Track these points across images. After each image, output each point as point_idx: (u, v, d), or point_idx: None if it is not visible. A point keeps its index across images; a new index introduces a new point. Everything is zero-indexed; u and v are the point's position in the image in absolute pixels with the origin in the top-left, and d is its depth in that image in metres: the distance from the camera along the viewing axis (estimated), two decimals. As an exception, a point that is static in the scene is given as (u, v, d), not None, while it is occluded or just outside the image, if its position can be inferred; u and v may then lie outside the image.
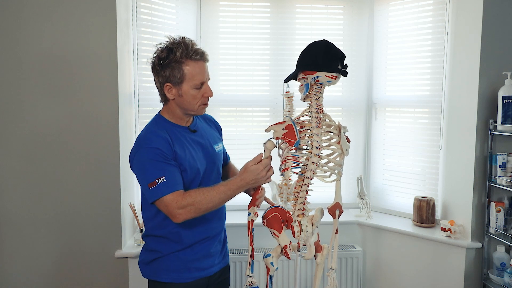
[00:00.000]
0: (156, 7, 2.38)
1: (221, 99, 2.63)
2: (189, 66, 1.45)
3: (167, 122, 1.54)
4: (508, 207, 2.19)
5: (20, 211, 2.08)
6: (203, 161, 1.55)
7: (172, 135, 1.50)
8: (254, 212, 1.57)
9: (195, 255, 1.55)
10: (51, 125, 2.07)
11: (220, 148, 1.68)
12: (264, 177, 1.48)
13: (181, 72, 1.44)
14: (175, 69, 1.44)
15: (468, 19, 2.23)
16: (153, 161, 1.42)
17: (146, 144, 1.45)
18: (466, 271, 2.21)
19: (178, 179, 1.44)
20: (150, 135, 1.48)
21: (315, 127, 1.50)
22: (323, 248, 1.60)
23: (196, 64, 1.46)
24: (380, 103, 2.71)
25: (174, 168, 1.44)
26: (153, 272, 1.56)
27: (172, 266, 1.53)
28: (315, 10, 2.66)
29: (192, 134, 1.57)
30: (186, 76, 1.45)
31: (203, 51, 1.50)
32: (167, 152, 1.44)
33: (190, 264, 1.54)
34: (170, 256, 1.53)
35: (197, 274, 1.55)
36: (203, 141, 1.59)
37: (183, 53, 1.44)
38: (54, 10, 2.03)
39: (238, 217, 2.48)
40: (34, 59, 2.04)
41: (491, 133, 2.16)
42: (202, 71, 1.47)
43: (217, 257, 1.63)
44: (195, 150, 1.54)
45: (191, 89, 1.47)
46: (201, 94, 1.49)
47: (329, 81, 1.45)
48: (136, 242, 2.21)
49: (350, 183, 2.74)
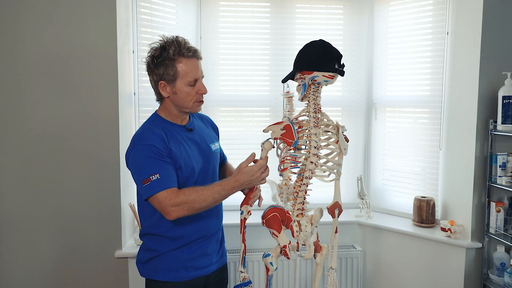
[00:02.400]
0: (156, 7, 2.39)
1: (221, 99, 2.63)
2: (182, 64, 1.47)
3: (163, 120, 1.55)
4: (508, 207, 2.19)
5: (20, 211, 2.09)
6: (199, 159, 1.56)
7: (168, 133, 1.51)
8: (247, 210, 1.58)
9: (192, 253, 1.55)
10: (51, 125, 2.07)
11: (216, 147, 1.68)
12: (258, 178, 1.49)
13: (174, 69, 1.46)
14: (168, 67, 1.46)
15: (468, 19, 2.22)
16: (148, 158, 1.43)
17: (142, 141, 1.46)
18: (466, 271, 2.21)
19: (173, 177, 1.45)
20: (146, 132, 1.50)
21: (313, 127, 1.50)
22: (323, 248, 1.61)
23: (189, 61, 1.48)
24: (380, 103, 2.71)
25: (168, 166, 1.45)
26: (150, 271, 1.56)
27: (169, 265, 1.54)
28: (315, 10, 2.66)
29: (188, 133, 1.58)
30: (179, 73, 1.47)
31: (196, 48, 1.52)
32: (162, 149, 1.45)
33: (187, 262, 1.55)
34: (167, 255, 1.54)
35: (194, 272, 1.56)
36: (199, 140, 1.60)
37: (176, 50, 1.46)
38: (54, 10, 2.03)
39: (236, 217, 2.48)
40: (34, 59, 2.04)
41: (491, 133, 2.15)
42: (195, 68, 1.49)
43: (214, 256, 1.63)
44: (191, 149, 1.55)
45: (185, 86, 1.48)
46: (195, 91, 1.51)
47: (326, 81, 1.46)
48: (136, 242, 2.22)
49: (350, 183, 2.74)
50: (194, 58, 1.49)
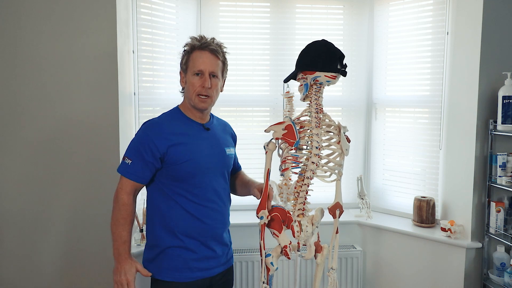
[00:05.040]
0: (156, 7, 2.38)
1: (221, 99, 2.58)
2: (194, 54, 1.55)
3: (183, 115, 1.60)
4: (508, 207, 2.19)
5: (20, 211, 2.08)
6: (209, 159, 1.57)
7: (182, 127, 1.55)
8: (266, 215, 1.54)
9: (197, 255, 1.56)
10: (51, 125, 2.07)
11: (231, 152, 1.70)
12: None
13: (188, 58, 1.56)
14: (185, 57, 1.58)
15: (468, 19, 2.23)
16: (138, 143, 1.52)
17: (150, 127, 1.54)
18: (466, 271, 2.21)
19: (141, 173, 1.52)
20: (159, 121, 1.57)
21: (314, 127, 1.50)
22: (323, 248, 1.60)
23: (201, 53, 1.55)
24: (380, 103, 2.71)
25: (146, 163, 1.51)
26: (156, 270, 1.57)
27: (174, 265, 1.54)
28: (315, 10, 2.66)
29: (204, 132, 1.60)
30: (189, 62, 1.56)
31: (213, 46, 1.57)
32: (157, 147, 1.49)
33: (191, 263, 1.55)
34: (172, 254, 1.55)
35: (198, 274, 1.57)
36: (214, 140, 1.62)
37: (194, 42, 1.57)
38: (54, 10, 2.03)
39: (241, 217, 2.49)
40: (34, 59, 2.03)
41: (491, 133, 2.15)
42: (204, 60, 1.54)
43: (220, 259, 1.63)
44: (204, 146, 1.57)
45: (191, 75, 1.55)
46: (199, 84, 1.54)
47: (328, 81, 1.45)
48: (136, 242, 2.21)
49: (350, 183, 2.74)
50: (207, 51, 1.55)
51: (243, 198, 2.76)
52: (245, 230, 2.46)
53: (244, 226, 2.44)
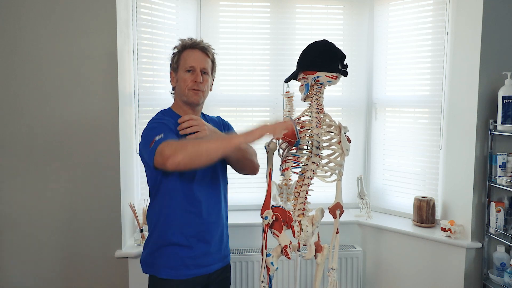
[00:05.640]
0: (156, 7, 2.38)
1: (221, 99, 2.63)
2: (185, 53, 1.60)
3: (175, 114, 1.62)
4: (508, 207, 2.19)
5: (20, 211, 2.08)
6: None
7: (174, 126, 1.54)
8: (271, 215, 1.53)
9: (194, 252, 1.56)
10: (51, 125, 2.07)
11: None
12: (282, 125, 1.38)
13: (179, 57, 1.60)
14: (175, 56, 1.62)
15: (468, 19, 2.23)
16: (156, 128, 1.48)
17: (153, 120, 1.56)
18: (466, 271, 2.22)
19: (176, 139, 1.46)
20: (159, 115, 1.61)
21: (315, 127, 1.50)
22: (324, 248, 1.60)
23: (191, 52, 1.60)
24: (380, 103, 2.71)
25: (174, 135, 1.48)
26: (153, 268, 1.58)
27: (171, 263, 1.55)
28: (315, 10, 2.66)
29: None
30: (181, 60, 1.60)
31: (203, 44, 1.62)
32: (170, 125, 1.51)
33: (188, 261, 1.56)
34: (169, 252, 1.55)
35: (195, 271, 1.57)
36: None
37: (185, 42, 1.61)
38: (54, 10, 2.03)
39: (240, 217, 2.49)
40: (34, 59, 2.03)
41: (491, 133, 2.16)
42: (195, 58, 1.58)
43: (217, 256, 1.64)
44: None
45: (183, 72, 1.58)
46: (191, 79, 1.57)
47: (329, 81, 1.46)
48: (136, 242, 2.21)
49: (350, 183, 2.74)
50: (197, 49, 1.60)
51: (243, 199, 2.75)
52: (244, 230, 2.46)
53: (244, 226, 2.44)
